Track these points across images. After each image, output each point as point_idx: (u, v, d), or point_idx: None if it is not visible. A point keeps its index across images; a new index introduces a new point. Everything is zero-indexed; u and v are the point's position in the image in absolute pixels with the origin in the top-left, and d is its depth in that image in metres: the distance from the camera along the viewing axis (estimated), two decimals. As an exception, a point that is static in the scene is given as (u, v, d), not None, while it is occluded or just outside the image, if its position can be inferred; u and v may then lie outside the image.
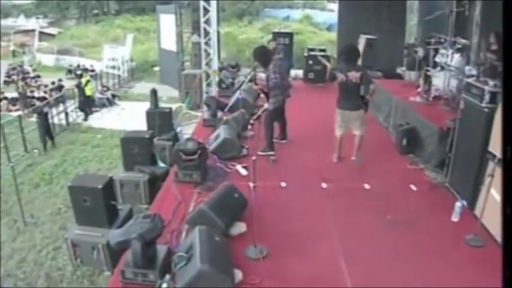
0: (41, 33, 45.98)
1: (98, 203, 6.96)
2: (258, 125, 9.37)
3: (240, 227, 5.94)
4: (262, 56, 8.82)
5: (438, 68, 10.18)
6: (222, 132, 8.66)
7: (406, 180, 7.81)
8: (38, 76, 30.20)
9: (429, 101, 10.01)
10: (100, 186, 6.90)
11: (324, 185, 7.51)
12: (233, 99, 10.12)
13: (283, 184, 7.53)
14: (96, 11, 58.56)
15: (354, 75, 8.00)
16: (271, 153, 8.70)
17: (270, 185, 7.26)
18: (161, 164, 10.12)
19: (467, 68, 8.98)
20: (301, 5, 56.03)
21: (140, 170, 9.49)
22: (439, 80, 9.91)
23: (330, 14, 46.91)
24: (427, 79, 10.28)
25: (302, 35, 34.36)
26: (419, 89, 10.54)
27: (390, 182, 7.69)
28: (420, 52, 11.88)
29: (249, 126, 5.51)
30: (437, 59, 10.25)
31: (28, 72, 30.87)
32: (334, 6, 53.98)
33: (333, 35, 34.06)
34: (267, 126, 8.82)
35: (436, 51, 10.64)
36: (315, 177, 7.78)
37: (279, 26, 36.59)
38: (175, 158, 7.48)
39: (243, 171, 7.80)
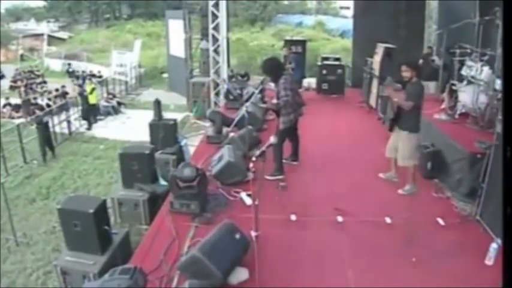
0: (51, 37, 45.48)
1: (89, 228, 6.51)
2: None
3: (241, 274, 5.09)
4: (273, 69, 7.97)
5: (464, 82, 9.28)
6: (225, 153, 7.77)
7: (432, 212, 6.95)
8: (44, 82, 29.48)
9: (455, 119, 9.09)
10: (91, 211, 6.43)
11: (340, 219, 6.62)
12: (239, 115, 9.23)
13: (293, 217, 6.64)
14: (107, 16, 58.46)
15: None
16: (281, 177, 7.85)
17: (278, 219, 6.44)
18: (162, 182, 9.46)
19: (498, 82, 8.09)
20: (314, 11, 55.80)
21: (140, 188, 9.06)
22: (465, 95, 8.99)
23: (344, 21, 46.71)
24: (453, 94, 9.33)
25: (315, 41, 33.50)
26: (444, 105, 9.61)
27: (414, 215, 6.71)
28: (437, 61, 11.04)
29: (251, 164, 4.71)
30: (464, 71, 9.37)
31: (34, 78, 30.15)
32: (348, 12, 54.14)
33: (347, 42, 33.37)
34: (277, 147, 7.90)
35: (461, 62, 9.80)
36: (330, 209, 6.90)
37: (291, 32, 36.14)
38: (170, 185, 6.62)
39: (248, 200, 6.89)
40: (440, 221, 6.67)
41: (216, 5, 15.51)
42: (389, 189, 7.78)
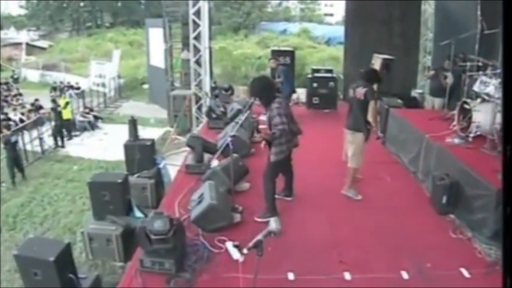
0: (31, 46, 44.45)
1: (50, 277, 5.59)
2: (255, 176, 7.49)
3: None
4: (264, 91, 6.64)
5: (478, 100, 8.22)
6: (206, 193, 6.48)
7: (453, 260, 5.83)
8: (20, 94, 28.30)
9: (469, 142, 7.95)
10: (52, 259, 5.50)
11: (348, 276, 5.42)
12: (222, 144, 8.03)
13: (290, 276, 5.41)
14: (89, 24, 57.76)
15: (360, 91, 7.35)
16: (273, 219, 6.62)
17: (272, 279, 5.16)
18: (138, 214, 8.42)
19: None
20: (298, 18, 55.80)
21: (112, 220, 8.04)
22: (480, 115, 7.87)
23: (329, 28, 46.72)
24: (466, 113, 8.21)
25: (301, 50, 32.48)
26: (455, 125, 8.48)
27: (434, 265, 5.65)
28: (450, 79, 9.97)
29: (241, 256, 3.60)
30: (477, 88, 8.28)
31: (9, 90, 28.89)
32: (332, 19, 53.97)
33: (334, 50, 32.74)
34: (268, 183, 6.77)
35: (471, 77, 8.80)
36: (334, 261, 5.73)
37: (275, 40, 35.52)
38: (139, 239, 5.42)
39: (236, 254, 5.67)
40: (465, 272, 5.56)
41: (198, 13, 14.43)
42: (399, 225, 6.77)
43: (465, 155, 7.39)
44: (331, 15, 57.60)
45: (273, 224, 3.83)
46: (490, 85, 7.88)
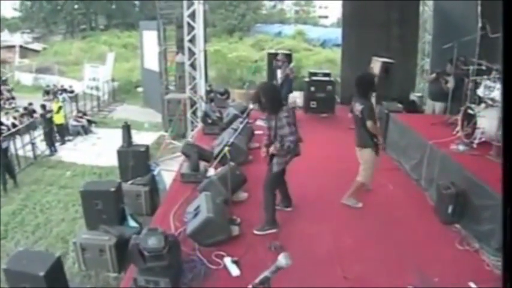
0: (25, 49, 44.11)
1: None
2: (253, 185, 7.22)
3: None
4: (271, 99, 6.19)
5: (482, 105, 7.96)
6: (203, 205, 6.15)
7: (460, 273, 5.59)
8: (13, 98, 27.98)
9: (474, 149, 7.66)
10: (42, 274, 5.39)
11: (353, 292, 5.15)
12: (219, 151, 7.73)
13: (293, 293, 5.12)
14: (83, 26, 57.63)
15: (357, 108, 7.00)
16: (274, 231, 6.36)
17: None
18: (132, 223, 8.30)
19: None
20: (293, 20, 55.93)
21: (106, 230, 7.81)
22: (485, 121, 7.60)
23: (324, 30, 46.71)
24: (471, 119, 7.93)
25: (297, 52, 32.13)
26: (458, 131, 8.21)
27: (441, 279, 5.39)
28: (451, 83, 9.72)
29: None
30: (480, 92, 8.03)
31: (1, 93, 28.54)
32: (327, 21, 54.04)
33: (330, 53, 32.56)
34: (269, 194, 6.43)
35: (474, 81, 8.57)
36: (338, 276, 5.46)
37: (271, 43, 35.43)
38: (132, 256, 5.11)
39: (234, 270, 5.39)
40: (474, 287, 5.30)
41: (192, 15, 14.16)
42: (403, 235, 6.55)
43: (470, 163, 7.12)
44: (326, 17, 57.78)
45: (283, 260, 3.48)
46: (494, 90, 7.64)
